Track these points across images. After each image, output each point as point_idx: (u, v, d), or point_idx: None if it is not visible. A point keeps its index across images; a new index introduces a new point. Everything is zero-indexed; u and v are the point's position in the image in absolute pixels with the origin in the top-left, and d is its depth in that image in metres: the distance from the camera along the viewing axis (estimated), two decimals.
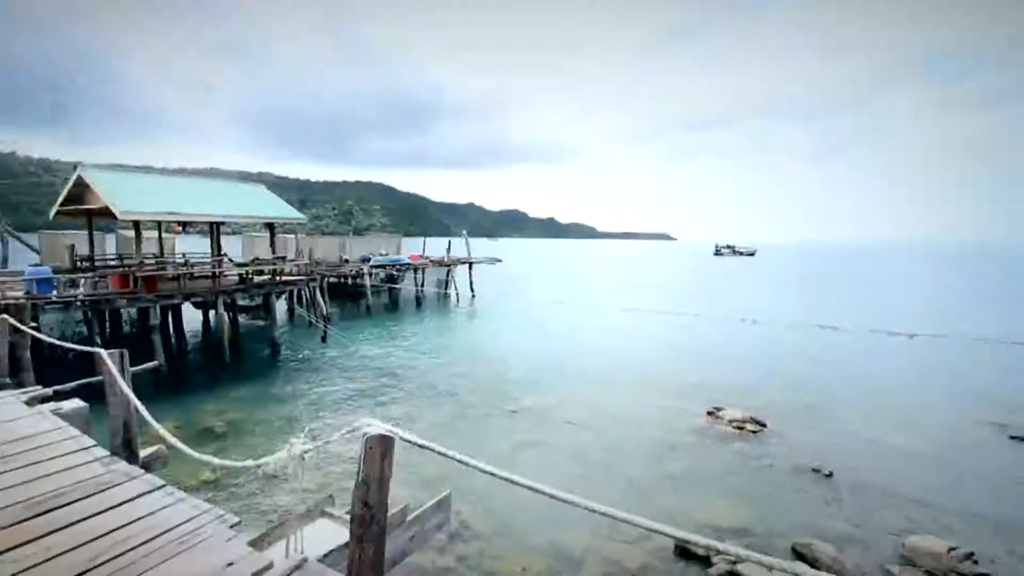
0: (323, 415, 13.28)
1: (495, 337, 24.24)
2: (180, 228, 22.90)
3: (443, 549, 7.66)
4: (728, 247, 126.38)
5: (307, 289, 25.73)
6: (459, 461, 2.48)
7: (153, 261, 20.50)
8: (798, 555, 7.70)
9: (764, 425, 12.59)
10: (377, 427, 2.51)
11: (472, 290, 38.16)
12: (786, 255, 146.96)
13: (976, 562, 7.41)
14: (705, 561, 7.49)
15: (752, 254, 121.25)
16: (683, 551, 7.67)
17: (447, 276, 37.72)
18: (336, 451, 10.37)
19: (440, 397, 14.85)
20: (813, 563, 7.42)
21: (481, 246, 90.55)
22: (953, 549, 7.46)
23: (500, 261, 45.34)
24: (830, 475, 10.15)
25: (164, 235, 24.53)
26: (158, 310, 15.79)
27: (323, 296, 24.63)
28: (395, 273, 34.94)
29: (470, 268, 39.29)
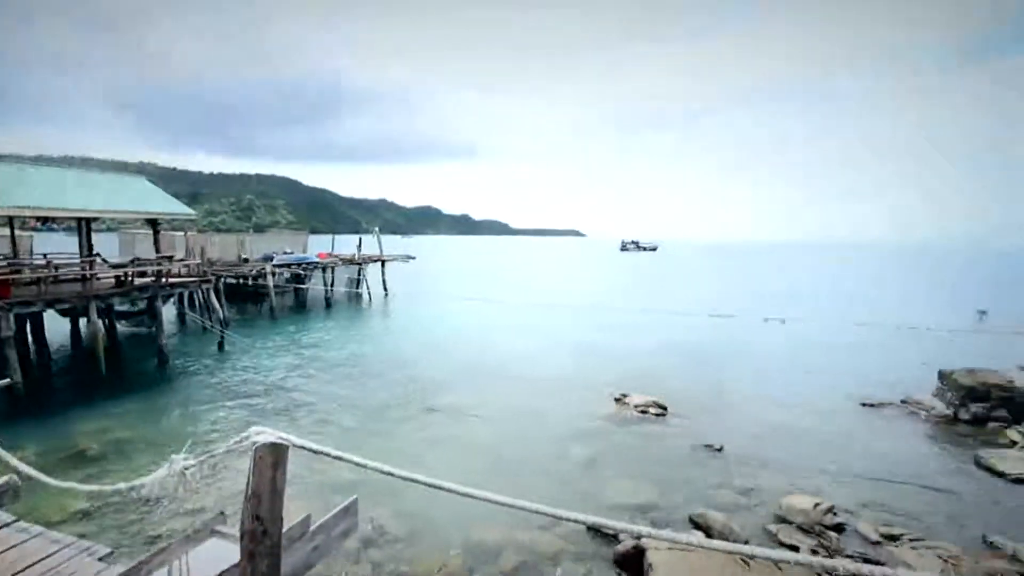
0: (218, 428, 12.28)
1: (409, 336, 23.80)
2: (38, 224, 20.00)
3: (357, 557, 7.43)
4: (633, 243, 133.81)
5: (200, 291, 23.59)
6: (356, 463, 2.42)
7: (4, 263, 17.70)
8: (694, 524, 8.38)
9: (665, 408, 13.52)
10: (267, 435, 2.37)
11: (385, 289, 37.11)
12: (685, 250, 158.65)
13: (835, 514, 8.53)
14: (614, 538, 7.90)
15: (654, 249, 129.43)
16: (594, 530, 8.05)
17: (358, 275, 36.33)
18: (234, 465, 9.65)
19: (352, 400, 14.32)
20: (707, 531, 8.12)
21: (394, 243, 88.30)
22: (818, 504, 8.53)
23: (414, 259, 44.54)
24: (721, 449, 11.14)
25: (18, 232, 21.28)
26: (11, 319, 13.67)
27: (219, 299, 22.72)
28: (302, 273, 33.06)
29: (383, 266, 38.17)
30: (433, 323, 27.44)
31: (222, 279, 25.21)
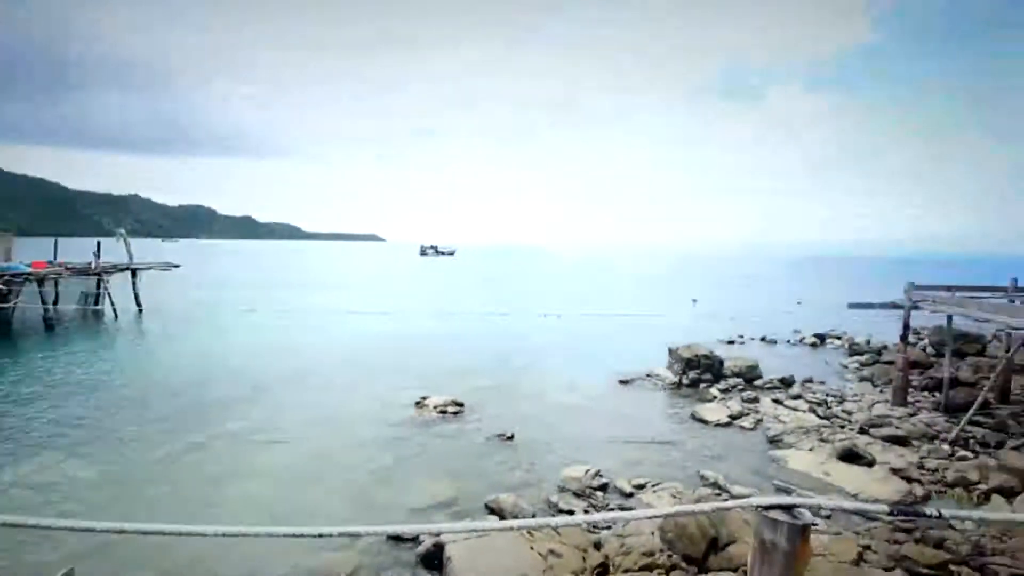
0: None
1: (172, 359, 20.10)
2: None
3: None
4: (432, 247, 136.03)
5: None
6: (39, 527, 1.99)
7: None
8: (489, 510, 8.99)
9: (462, 405, 14.17)
10: None
11: (138, 304, 30.65)
12: (481, 254, 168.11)
13: (601, 476, 10.09)
14: (415, 540, 7.97)
15: (452, 253, 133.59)
16: (393, 537, 8.00)
17: (98, 288, 29.34)
18: None
19: (92, 447, 11.45)
20: (500, 513, 8.80)
21: (154, 248, 73.50)
22: (588, 471, 10.00)
23: (178, 266, 37.76)
24: (511, 437, 12.16)
25: None
26: None
27: None
28: (3, 287, 25.13)
29: (134, 276, 31.46)
30: (205, 340, 23.72)
31: None
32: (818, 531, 8.01)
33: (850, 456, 10.84)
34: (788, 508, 1.80)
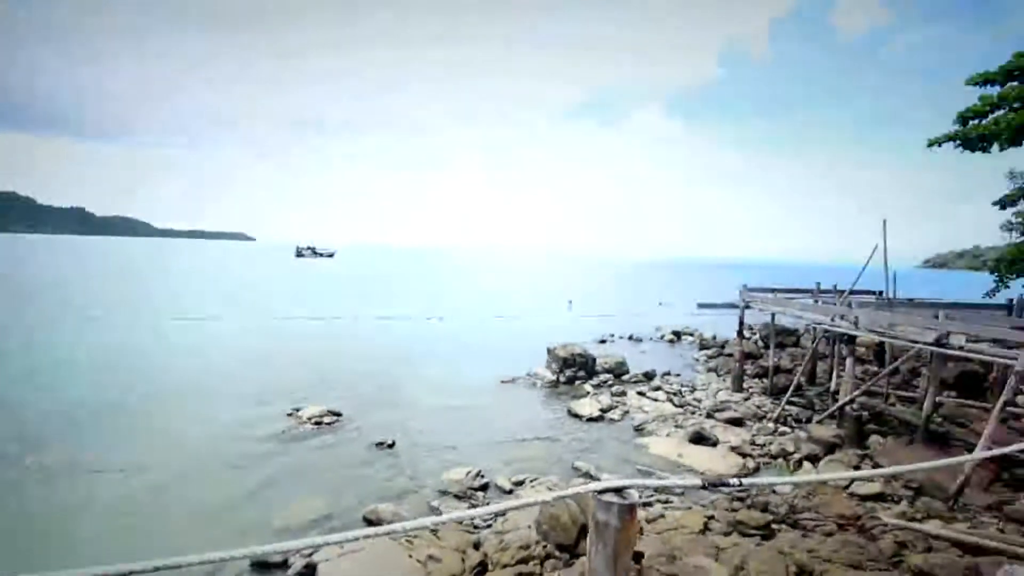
0: None
1: None
2: None
3: None
4: (309, 248, 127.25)
5: None
6: None
7: None
8: (368, 521, 8.71)
9: (340, 415, 13.55)
10: None
11: None
12: (363, 256, 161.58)
13: (483, 476, 10.31)
14: (284, 564, 7.48)
15: (332, 255, 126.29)
16: (258, 563, 7.44)
17: None
18: None
19: None
20: (378, 524, 8.57)
21: None
22: (469, 472, 10.15)
23: None
24: (392, 445, 11.90)
25: None
26: None
27: None
28: None
29: None
30: (18, 355, 19.74)
31: None
32: (674, 507, 9.03)
33: (699, 439, 12.31)
34: (618, 491, 2.06)
